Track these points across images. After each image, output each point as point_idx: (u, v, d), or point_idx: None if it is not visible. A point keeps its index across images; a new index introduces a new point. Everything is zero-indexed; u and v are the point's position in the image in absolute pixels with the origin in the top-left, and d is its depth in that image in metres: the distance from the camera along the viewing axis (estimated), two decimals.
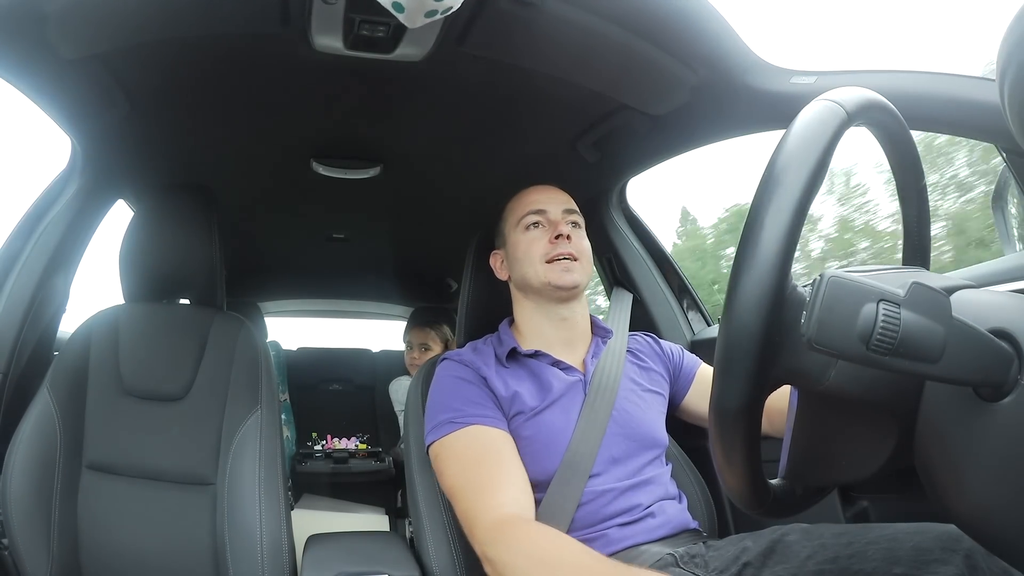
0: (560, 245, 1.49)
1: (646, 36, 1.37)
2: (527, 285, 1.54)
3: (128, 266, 1.75)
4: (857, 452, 0.78)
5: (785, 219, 0.65)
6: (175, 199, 1.78)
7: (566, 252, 1.48)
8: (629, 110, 1.66)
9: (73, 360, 1.65)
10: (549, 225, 1.53)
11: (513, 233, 1.57)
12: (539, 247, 1.51)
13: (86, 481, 1.58)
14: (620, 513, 1.36)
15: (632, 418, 1.45)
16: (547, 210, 1.53)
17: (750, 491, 0.76)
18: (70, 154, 1.78)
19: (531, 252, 1.51)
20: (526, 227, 1.54)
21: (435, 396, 1.45)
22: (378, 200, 2.46)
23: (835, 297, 0.60)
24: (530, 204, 1.56)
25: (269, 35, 1.38)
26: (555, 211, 1.53)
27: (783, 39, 29.09)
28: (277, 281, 3.68)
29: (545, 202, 1.55)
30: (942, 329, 0.59)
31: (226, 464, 1.59)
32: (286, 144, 1.99)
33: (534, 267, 1.50)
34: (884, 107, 0.76)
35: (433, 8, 1.12)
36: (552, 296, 1.52)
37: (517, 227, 1.56)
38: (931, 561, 0.95)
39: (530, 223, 1.54)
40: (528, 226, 1.54)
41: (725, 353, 0.67)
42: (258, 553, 1.48)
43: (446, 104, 1.72)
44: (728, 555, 1.23)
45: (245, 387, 1.68)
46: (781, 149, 0.68)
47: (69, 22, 1.28)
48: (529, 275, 1.51)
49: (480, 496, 1.24)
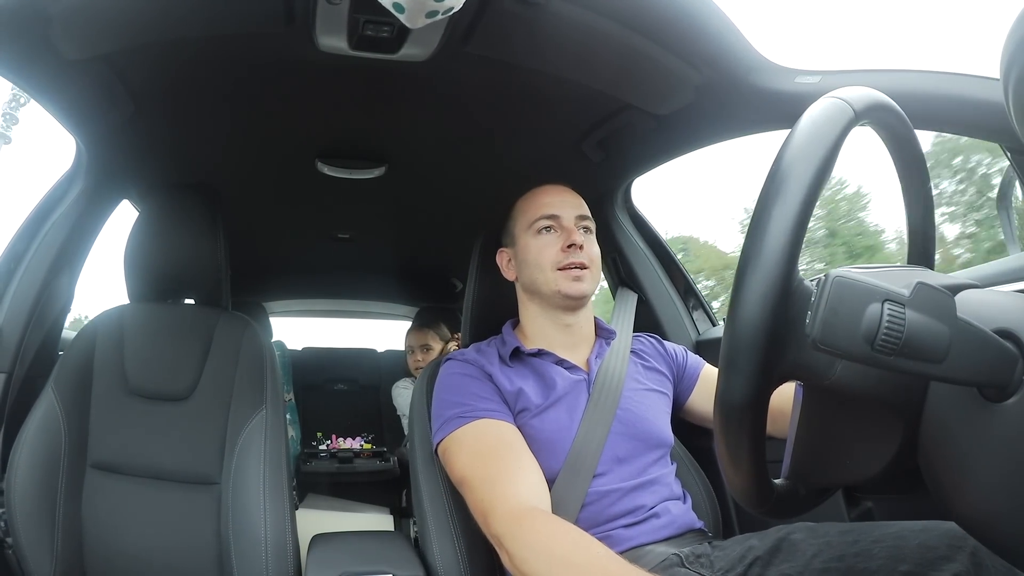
0: (572, 254, 1.47)
1: (650, 35, 1.37)
2: (536, 290, 1.53)
3: (133, 266, 1.75)
4: (861, 452, 0.78)
5: (792, 214, 0.65)
6: (180, 199, 1.78)
7: (578, 262, 1.47)
8: (633, 110, 1.66)
9: (78, 360, 1.65)
10: (561, 231, 1.50)
11: (524, 235, 1.55)
12: (550, 253, 1.49)
13: (90, 480, 1.59)
14: (625, 513, 1.36)
15: (636, 418, 1.45)
16: (560, 215, 1.51)
17: (754, 489, 0.76)
18: (75, 154, 1.78)
19: (542, 258, 1.50)
20: (538, 231, 1.52)
21: (441, 394, 1.45)
22: (383, 200, 2.46)
23: (840, 297, 0.60)
24: (543, 207, 1.53)
25: (273, 35, 1.38)
26: (568, 216, 1.51)
27: (787, 38, 29.08)
28: (282, 281, 3.68)
29: (558, 206, 1.53)
30: (947, 329, 0.59)
31: (231, 464, 1.59)
32: (291, 144, 1.99)
33: (544, 274, 1.49)
34: (890, 107, 0.76)
35: (434, 9, 1.12)
36: (560, 304, 1.51)
37: (528, 229, 1.54)
38: (937, 559, 0.94)
39: (542, 227, 1.52)
40: (540, 230, 1.52)
41: (731, 347, 0.67)
42: (262, 552, 1.48)
43: (451, 104, 1.72)
44: (734, 555, 1.23)
45: (250, 387, 1.68)
46: (788, 145, 0.68)
47: (73, 23, 1.28)
48: (539, 281, 1.50)
49: (495, 486, 1.23)
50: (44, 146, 3.16)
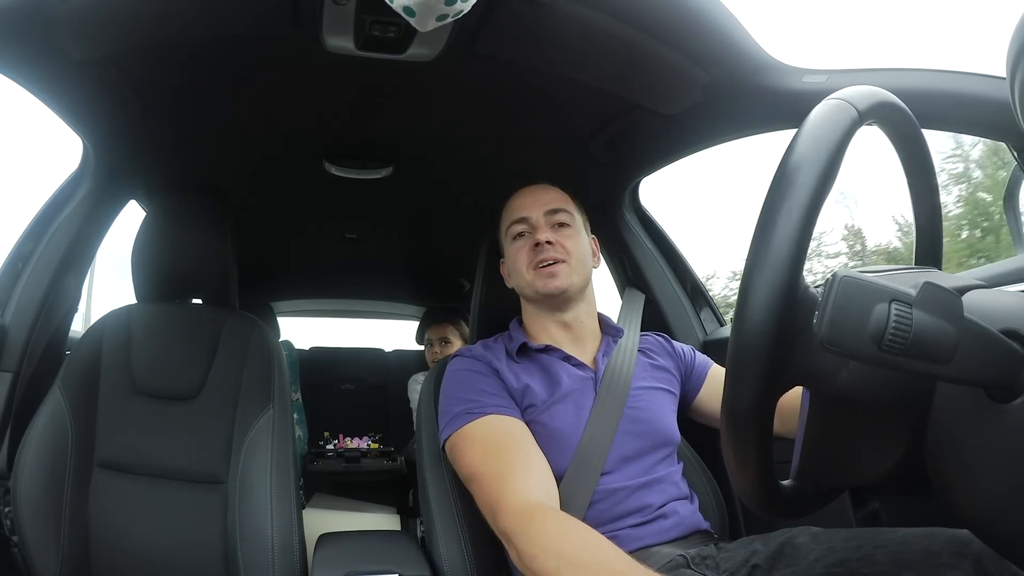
0: (541, 251, 1.48)
1: (657, 35, 1.36)
2: (523, 294, 1.56)
3: (140, 266, 1.76)
4: (868, 453, 0.78)
5: (797, 219, 0.65)
6: (187, 199, 1.79)
7: (548, 258, 1.48)
8: (641, 109, 1.66)
9: (85, 359, 1.66)
10: (532, 231, 1.52)
11: (506, 243, 1.58)
12: (524, 256, 1.51)
13: (97, 479, 1.59)
14: (632, 512, 1.35)
15: (643, 416, 1.45)
16: (528, 216, 1.53)
17: (761, 492, 0.76)
18: (82, 155, 1.79)
19: (518, 263, 1.52)
20: (513, 237, 1.55)
21: (448, 391, 1.45)
22: (390, 200, 2.46)
23: (847, 297, 0.59)
24: (514, 212, 1.56)
25: (280, 36, 1.39)
26: (536, 215, 1.52)
27: (794, 37, 28.96)
28: (289, 281, 3.69)
29: (527, 207, 1.54)
30: (954, 329, 0.59)
31: (237, 463, 1.60)
32: (298, 144, 2.00)
33: (523, 277, 1.51)
34: (896, 106, 0.76)
35: (444, 12, 1.12)
36: (545, 303, 1.52)
37: (507, 237, 1.57)
38: (940, 565, 0.94)
39: (515, 233, 1.54)
40: (515, 236, 1.54)
41: (737, 354, 0.67)
42: (269, 552, 1.48)
43: (458, 104, 1.73)
44: (738, 557, 1.23)
45: (257, 386, 1.68)
46: (793, 148, 0.68)
47: (79, 25, 1.29)
48: (521, 285, 1.53)
49: (503, 481, 1.23)
50: (51, 146, 3.18)
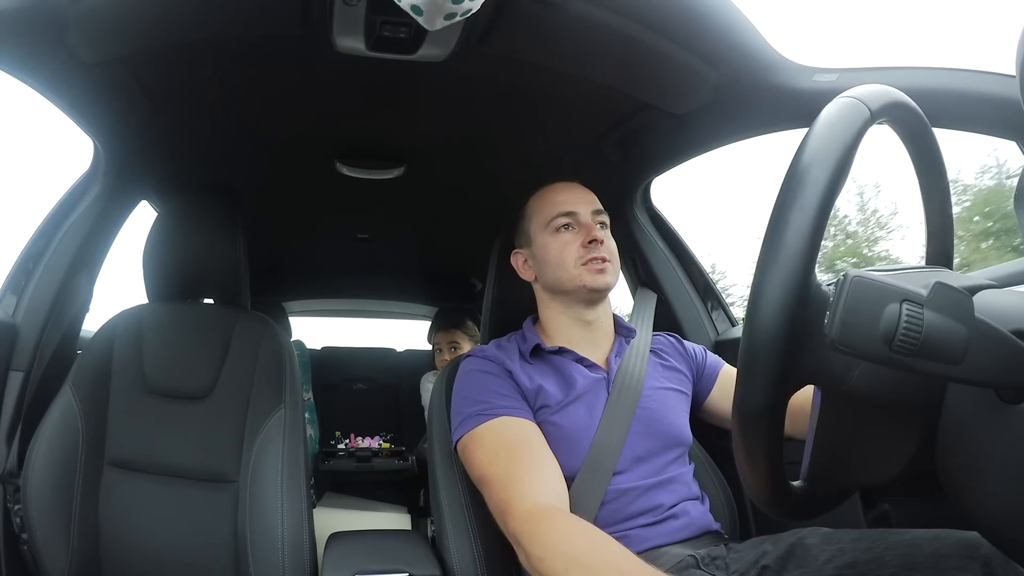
0: (593, 249, 1.47)
1: (667, 34, 1.36)
2: (559, 288, 1.52)
3: (152, 266, 1.77)
4: (879, 454, 0.77)
5: (809, 218, 0.65)
6: (199, 200, 1.80)
7: (600, 255, 1.47)
8: (652, 109, 1.65)
9: (96, 359, 1.67)
10: (580, 228, 1.50)
11: (541, 234, 1.54)
12: (572, 251, 1.49)
13: (108, 478, 1.60)
14: (643, 512, 1.36)
15: (655, 416, 1.45)
16: (577, 212, 1.51)
17: (772, 493, 0.76)
18: (93, 156, 1.80)
19: (564, 256, 1.49)
20: (556, 229, 1.52)
21: (461, 392, 1.45)
22: (402, 200, 2.46)
23: (858, 297, 0.59)
24: (559, 205, 1.53)
25: (290, 36, 1.39)
26: (585, 213, 1.51)
27: (804, 36, 28.87)
28: (301, 281, 3.69)
29: (574, 203, 1.52)
30: (965, 330, 0.59)
31: (248, 462, 1.60)
32: (309, 145, 2.00)
33: (568, 271, 1.48)
34: (907, 105, 0.76)
35: (452, 11, 1.12)
36: (584, 298, 1.51)
37: (546, 228, 1.53)
38: (949, 568, 0.94)
39: (560, 225, 1.51)
40: (559, 228, 1.51)
41: (748, 353, 0.67)
42: (279, 551, 1.49)
43: (469, 104, 1.73)
44: (748, 558, 1.23)
45: (268, 386, 1.68)
46: (804, 147, 0.68)
47: (90, 26, 1.29)
48: (563, 279, 1.50)
49: (514, 484, 1.23)
50: (63, 147, 3.20)
